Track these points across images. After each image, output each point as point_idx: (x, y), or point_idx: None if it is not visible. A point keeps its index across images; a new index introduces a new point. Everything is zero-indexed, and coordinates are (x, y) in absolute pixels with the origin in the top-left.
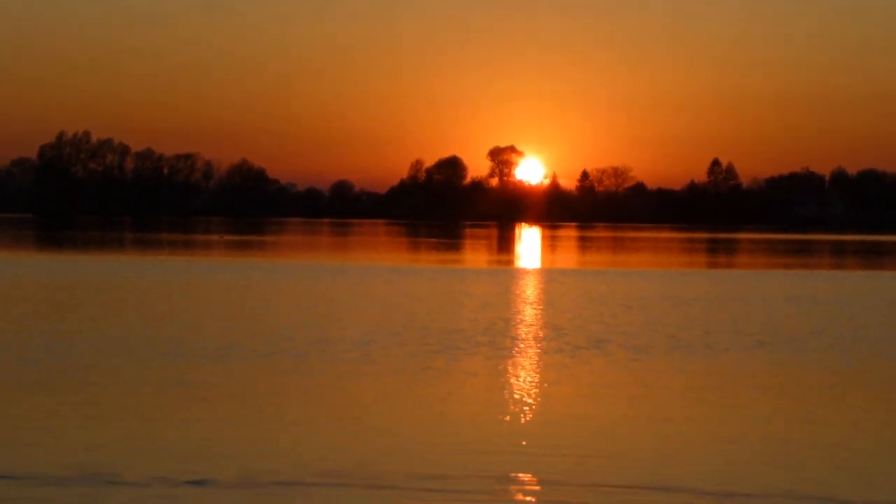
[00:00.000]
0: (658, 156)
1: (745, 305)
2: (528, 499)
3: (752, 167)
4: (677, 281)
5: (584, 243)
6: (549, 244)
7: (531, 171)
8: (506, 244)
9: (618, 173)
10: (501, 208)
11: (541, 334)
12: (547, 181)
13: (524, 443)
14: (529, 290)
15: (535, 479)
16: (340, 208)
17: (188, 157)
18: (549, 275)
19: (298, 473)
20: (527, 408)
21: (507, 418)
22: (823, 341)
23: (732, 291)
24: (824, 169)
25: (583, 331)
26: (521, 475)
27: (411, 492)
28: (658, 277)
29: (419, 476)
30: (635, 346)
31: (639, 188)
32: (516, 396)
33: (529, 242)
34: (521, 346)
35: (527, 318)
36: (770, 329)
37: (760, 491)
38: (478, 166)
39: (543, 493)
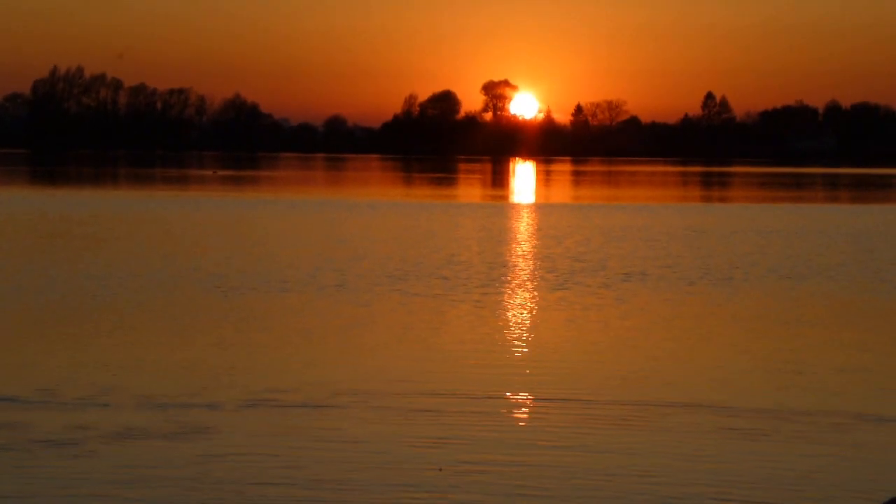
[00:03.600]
0: (652, 89)
1: (765, 238)
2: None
3: (746, 100)
4: (688, 215)
5: (583, 178)
6: (549, 179)
7: (525, 106)
8: (506, 179)
9: (612, 107)
10: (495, 143)
11: (578, 268)
12: (541, 116)
13: (587, 370)
14: (546, 225)
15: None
16: (334, 143)
17: (181, 91)
18: (558, 209)
19: (313, 396)
20: (588, 338)
21: (574, 348)
22: (852, 271)
23: (748, 225)
24: (818, 102)
25: (621, 263)
26: (565, 395)
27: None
28: (668, 211)
29: (456, 394)
30: (677, 279)
31: (633, 122)
32: (582, 329)
33: (528, 177)
34: (566, 280)
35: (558, 252)
36: (798, 261)
37: (795, 409)
38: (472, 101)
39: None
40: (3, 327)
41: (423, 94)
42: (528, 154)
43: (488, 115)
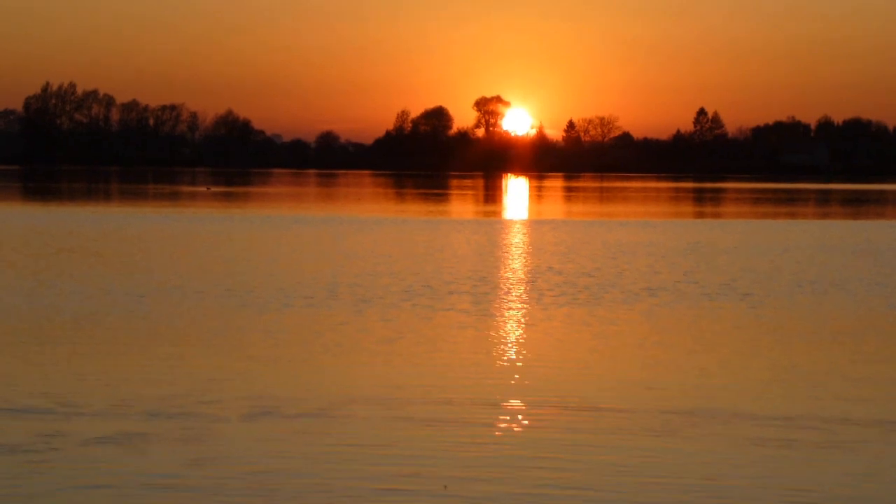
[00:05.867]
0: (644, 105)
1: (775, 253)
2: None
3: (738, 116)
4: (691, 230)
5: (579, 194)
6: (546, 195)
7: (517, 122)
8: (503, 195)
9: (604, 123)
10: (487, 159)
11: (593, 283)
12: (533, 131)
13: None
14: (553, 241)
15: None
16: (326, 159)
17: (173, 108)
18: (561, 226)
19: (321, 404)
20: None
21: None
22: (868, 286)
23: (752, 240)
24: (810, 118)
25: (638, 279)
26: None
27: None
28: (671, 227)
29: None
30: (697, 294)
31: (625, 138)
32: (609, 343)
33: (525, 193)
34: (586, 295)
35: (571, 268)
36: (813, 276)
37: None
38: (464, 117)
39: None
40: (25, 340)
41: (416, 111)
42: (520, 170)
43: (480, 131)
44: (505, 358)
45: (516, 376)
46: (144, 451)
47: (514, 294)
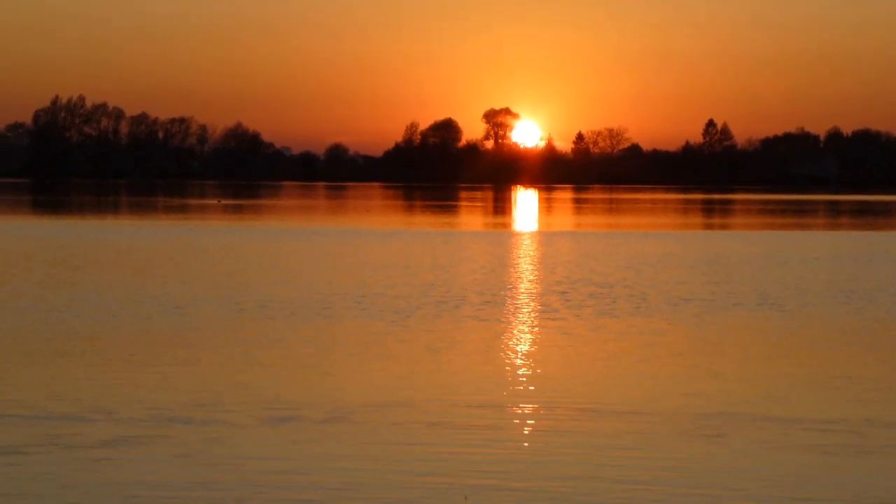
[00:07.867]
0: (653, 117)
1: (801, 264)
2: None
3: (747, 127)
4: (713, 241)
5: (593, 205)
6: (559, 207)
7: (526, 134)
8: (517, 207)
9: (613, 135)
10: (497, 171)
11: (625, 293)
12: (542, 143)
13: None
14: (577, 252)
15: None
16: (335, 172)
17: (183, 120)
18: (582, 237)
19: (338, 407)
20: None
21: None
22: (891, 295)
23: (774, 251)
24: (819, 129)
25: (670, 289)
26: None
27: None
28: (691, 238)
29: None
30: (731, 305)
31: (634, 149)
32: (656, 351)
33: (538, 205)
34: (623, 304)
35: (597, 279)
36: (843, 286)
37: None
38: (473, 129)
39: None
40: (53, 349)
41: (425, 123)
42: (529, 182)
43: (489, 143)
44: (545, 366)
45: (557, 384)
46: (176, 458)
47: (548, 305)
